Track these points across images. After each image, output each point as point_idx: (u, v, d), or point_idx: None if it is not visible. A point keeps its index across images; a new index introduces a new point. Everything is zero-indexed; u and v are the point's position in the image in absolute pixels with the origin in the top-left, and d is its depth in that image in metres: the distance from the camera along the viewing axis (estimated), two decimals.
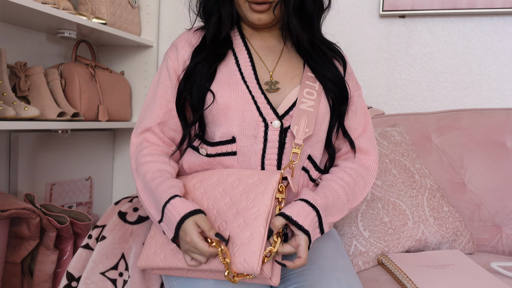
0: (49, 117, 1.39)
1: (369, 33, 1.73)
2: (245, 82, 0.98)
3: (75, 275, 1.02)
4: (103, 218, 1.10)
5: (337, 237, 1.11)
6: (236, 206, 0.88)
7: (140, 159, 0.98)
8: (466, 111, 1.53)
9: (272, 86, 1.00)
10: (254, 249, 0.82)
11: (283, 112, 0.98)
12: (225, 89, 0.97)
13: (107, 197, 1.96)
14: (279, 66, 1.04)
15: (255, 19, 0.99)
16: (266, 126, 0.96)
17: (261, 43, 1.06)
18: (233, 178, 0.93)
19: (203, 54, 1.00)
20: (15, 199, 1.31)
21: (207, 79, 0.98)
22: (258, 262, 0.81)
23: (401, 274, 1.06)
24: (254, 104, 0.96)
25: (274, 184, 0.89)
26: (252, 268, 0.81)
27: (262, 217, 0.84)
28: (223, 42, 1.02)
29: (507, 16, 1.60)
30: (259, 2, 0.96)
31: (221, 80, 0.99)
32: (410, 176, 1.33)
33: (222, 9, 1.01)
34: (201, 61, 0.99)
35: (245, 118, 0.96)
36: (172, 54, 1.04)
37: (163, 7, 1.93)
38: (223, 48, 1.02)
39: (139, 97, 1.91)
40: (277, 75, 1.02)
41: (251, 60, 1.02)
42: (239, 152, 0.96)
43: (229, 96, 0.96)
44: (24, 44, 1.55)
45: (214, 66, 0.99)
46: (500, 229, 1.41)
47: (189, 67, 1.00)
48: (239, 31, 1.07)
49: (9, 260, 1.34)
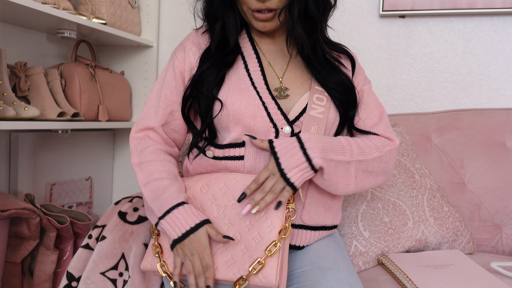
0: (49, 117, 1.39)
1: (369, 33, 1.73)
2: (255, 88, 0.97)
3: (75, 275, 1.02)
4: (103, 218, 1.10)
5: (338, 237, 1.11)
6: (249, 217, 0.88)
7: (145, 156, 0.98)
8: (466, 111, 1.53)
9: (282, 92, 0.99)
10: (272, 263, 0.83)
11: (294, 118, 0.97)
12: (235, 96, 0.96)
13: (107, 197, 1.96)
14: (288, 71, 1.03)
15: (260, 27, 0.98)
16: (276, 132, 0.95)
17: (270, 47, 1.06)
18: (242, 185, 0.92)
19: (210, 61, 0.99)
20: (15, 199, 1.31)
21: (215, 86, 0.97)
22: (276, 277, 0.83)
23: (401, 274, 1.06)
24: (265, 110, 0.96)
25: None
26: (271, 283, 0.83)
27: (276, 230, 0.86)
28: (230, 48, 1.01)
29: (507, 16, 1.60)
30: (263, 11, 0.95)
31: (231, 86, 0.98)
32: (410, 176, 1.33)
33: (226, 19, 1.01)
34: (207, 69, 0.98)
35: (255, 124, 0.95)
36: (180, 54, 1.03)
37: (163, 7, 1.93)
38: (231, 55, 1.00)
39: (139, 97, 1.91)
40: (287, 81, 1.02)
41: (260, 65, 1.01)
42: (247, 156, 0.96)
43: (239, 103, 0.95)
44: (24, 44, 1.55)
45: (222, 72, 0.98)
46: (500, 229, 1.41)
47: (195, 75, 0.99)
48: (247, 33, 1.06)
49: (9, 260, 1.34)
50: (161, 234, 0.95)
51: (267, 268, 0.83)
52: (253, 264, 0.84)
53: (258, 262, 0.83)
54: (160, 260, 0.90)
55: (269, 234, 0.85)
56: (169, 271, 0.90)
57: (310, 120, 0.96)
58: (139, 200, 1.14)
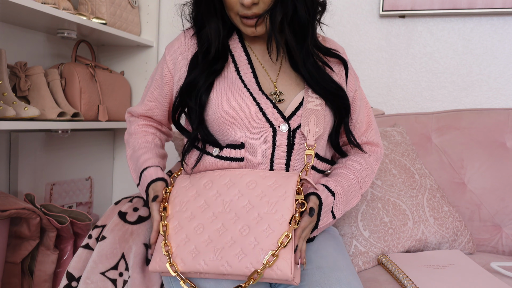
0: (49, 117, 1.39)
1: (369, 33, 1.73)
2: (248, 90, 0.97)
3: (75, 275, 1.02)
4: (103, 218, 1.10)
5: (338, 237, 1.11)
6: (257, 210, 0.88)
7: (130, 130, 1.12)
8: (466, 111, 1.53)
9: (277, 97, 0.99)
10: (286, 255, 0.83)
11: (290, 113, 0.97)
12: (227, 98, 0.95)
13: (107, 197, 1.96)
14: (282, 73, 1.03)
15: (248, 32, 0.97)
16: (274, 131, 0.95)
17: (263, 47, 1.05)
18: (249, 179, 0.92)
19: (198, 69, 0.99)
20: (15, 199, 1.31)
21: (204, 93, 0.97)
22: (291, 268, 0.82)
23: (401, 274, 1.06)
24: (260, 111, 0.95)
25: (294, 186, 0.89)
26: (287, 275, 0.82)
27: (288, 222, 0.85)
28: (217, 55, 1.00)
29: (507, 16, 1.60)
30: (250, 17, 0.94)
31: (221, 89, 0.97)
32: (410, 176, 1.33)
33: (207, 26, 0.99)
34: (195, 78, 0.98)
35: (252, 125, 0.94)
36: (169, 57, 1.05)
37: (163, 7, 1.93)
38: (219, 62, 0.99)
39: (139, 97, 1.90)
40: (281, 85, 1.01)
41: (251, 67, 1.01)
42: (247, 158, 0.96)
43: (233, 104, 0.95)
44: (24, 44, 1.55)
45: (211, 79, 0.98)
46: (500, 229, 1.41)
47: (183, 86, 0.99)
48: (238, 36, 1.05)
49: (9, 260, 1.34)
50: (170, 232, 0.93)
51: (281, 260, 0.83)
52: (267, 256, 0.83)
53: (272, 254, 0.83)
54: (170, 260, 0.89)
55: (280, 226, 0.85)
56: (179, 271, 0.88)
57: (308, 112, 0.96)
58: (139, 200, 1.14)
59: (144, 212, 1.10)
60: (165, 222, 0.93)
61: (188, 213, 0.92)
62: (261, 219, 0.86)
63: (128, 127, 1.14)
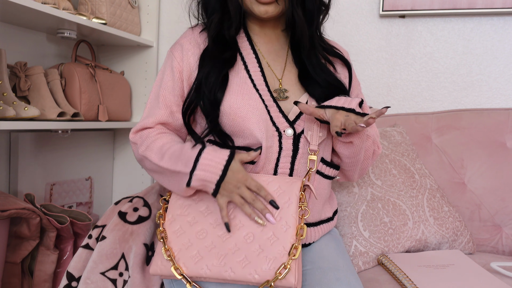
0: (49, 117, 1.39)
1: (369, 33, 1.73)
2: (257, 91, 0.97)
3: (75, 275, 1.02)
4: (103, 218, 1.10)
5: (339, 238, 1.11)
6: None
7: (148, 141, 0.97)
8: (466, 111, 1.53)
9: (282, 94, 0.99)
10: (292, 265, 0.83)
11: (294, 117, 0.97)
12: (239, 101, 0.95)
13: (107, 197, 1.96)
14: (287, 71, 1.03)
15: (261, 11, 0.97)
16: (279, 136, 0.95)
17: (268, 46, 1.06)
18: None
19: (209, 62, 0.97)
20: (15, 199, 1.31)
21: (218, 89, 0.95)
22: (295, 277, 0.83)
23: (401, 274, 1.06)
24: (268, 114, 0.95)
25: (297, 193, 0.89)
26: (291, 283, 0.83)
27: (292, 229, 0.86)
28: (228, 43, 1.00)
29: (507, 16, 1.60)
30: None
31: (234, 89, 0.96)
32: (410, 176, 1.33)
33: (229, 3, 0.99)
34: (208, 72, 0.96)
35: (260, 129, 0.94)
36: (178, 53, 1.02)
37: (163, 7, 1.93)
38: (228, 51, 0.99)
39: (139, 97, 1.91)
40: (286, 82, 1.02)
41: (260, 66, 1.01)
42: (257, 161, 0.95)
43: (246, 109, 0.94)
44: (24, 44, 1.55)
45: (224, 72, 0.97)
46: (500, 229, 1.41)
47: (197, 82, 0.98)
48: (245, 32, 1.05)
49: (9, 260, 1.34)
50: (169, 237, 0.92)
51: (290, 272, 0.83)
52: (279, 268, 0.83)
53: (284, 266, 0.83)
54: (174, 263, 0.89)
55: (285, 234, 0.85)
56: (184, 273, 0.88)
57: (311, 118, 0.96)
58: (139, 200, 1.14)
59: (144, 212, 1.10)
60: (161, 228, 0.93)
61: (190, 217, 0.92)
62: (266, 227, 0.87)
63: (140, 143, 0.98)
